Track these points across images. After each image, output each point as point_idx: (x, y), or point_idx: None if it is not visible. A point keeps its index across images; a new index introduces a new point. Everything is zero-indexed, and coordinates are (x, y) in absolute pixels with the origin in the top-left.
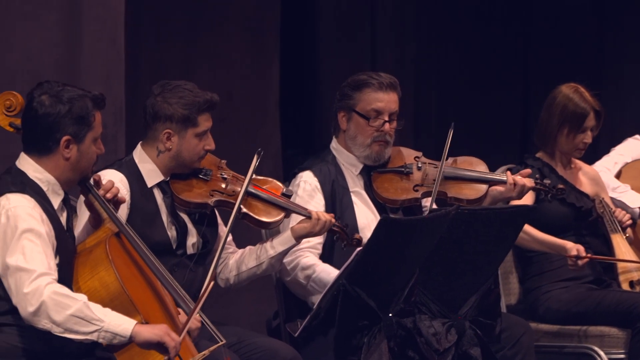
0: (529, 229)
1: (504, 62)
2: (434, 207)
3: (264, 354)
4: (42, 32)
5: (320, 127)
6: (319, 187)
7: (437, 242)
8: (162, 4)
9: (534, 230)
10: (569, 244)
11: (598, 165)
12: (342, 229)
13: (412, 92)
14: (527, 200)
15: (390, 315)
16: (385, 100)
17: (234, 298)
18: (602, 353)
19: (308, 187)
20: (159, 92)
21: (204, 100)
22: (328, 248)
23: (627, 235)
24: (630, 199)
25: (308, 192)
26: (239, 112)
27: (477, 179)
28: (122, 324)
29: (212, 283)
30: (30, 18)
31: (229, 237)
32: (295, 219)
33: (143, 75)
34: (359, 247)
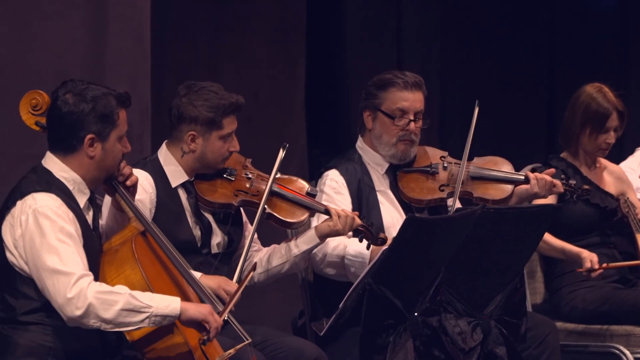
0: (546, 236)
1: (530, 61)
2: (459, 206)
3: (290, 353)
4: (68, 31)
5: (346, 126)
6: (345, 185)
7: (462, 241)
8: (188, 3)
9: (551, 238)
10: (584, 253)
11: (623, 166)
12: (367, 228)
13: (437, 91)
14: (551, 201)
15: (416, 314)
16: (411, 100)
17: (260, 298)
18: (627, 352)
19: (335, 184)
20: (185, 93)
21: (229, 103)
22: None
23: None
24: None
25: (335, 189)
26: (265, 111)
27: (502, 179)
28: (169, 304)
29: (251, 273)
30: (56, 17)
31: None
32: (320, 218)
33: (169, 74)
34: (384, 246)
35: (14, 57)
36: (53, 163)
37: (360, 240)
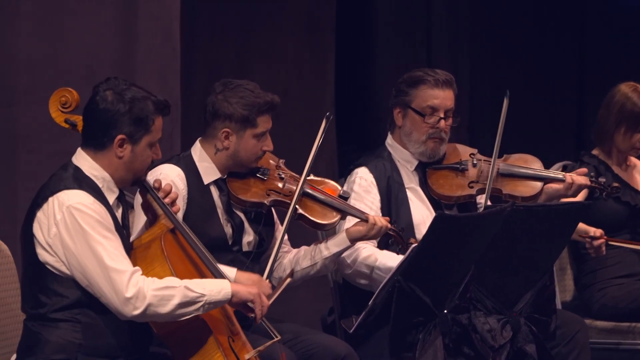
0: None
1: (559, 59)
2: (489, 203)
3: (319, 350)
4: (97, 28)
5: (376, 123)
6: (375, 183)
7: (492, 238)
8: (217, 1)
9: None
10: (592, 228)
11: None
12: (397, 233)
13: (467, 89)
14: (580, 198)
15: (446, 312)
16: (441, 97)
17: (290, 295)
18: None
19: (364, 182)
20: (221, 90)
21: (265, 102)
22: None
23: None
24: None
25: (364, 187)
26: (295, 109)
27: (532, 177)
28: (221, 290)
29: (288, 279)
30: (86, 14)
31: (285, 236)
32: (351, 221)
33: (198, 72)
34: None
35: (44, 54)
36: (83, 160)
37: (390, 244)
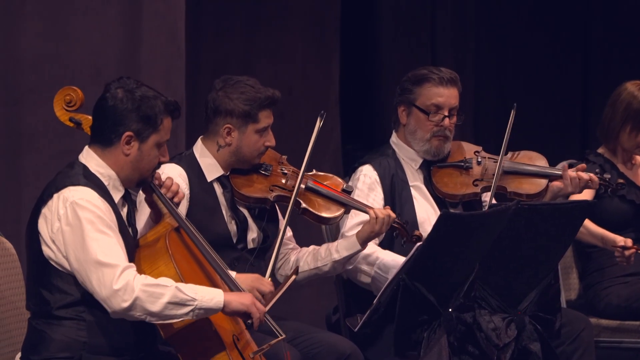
0: (585, 222)
1: (564, 57)
2: (494, 202)
3: (324, 349)
4: (102, 27)
5: (380, 122)
6: (379, 180)
7: (496, 237)
8: None
9: (590, 224)
10: (620, 237)
11: None
12: (402, 226)
13: (472, 87)
14: (587, 196)
15: (450, 310)
16: (446, 95)
17: (294, 294)
18: None
19: (368, 180)
20: (221, 86)
21: (265, 97)
22: (387, 244)
23: None
24: None
25: (368, 185)
26: (299, 107)
27: (537, 174)
28: (213, 298)
29: (293, 277)
30: (91, 13)
31: (289, 233)
32: (355, 215)
33: (203, 70)
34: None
35: (49, 53)
36: (90, 157)
37: (395, 237)
